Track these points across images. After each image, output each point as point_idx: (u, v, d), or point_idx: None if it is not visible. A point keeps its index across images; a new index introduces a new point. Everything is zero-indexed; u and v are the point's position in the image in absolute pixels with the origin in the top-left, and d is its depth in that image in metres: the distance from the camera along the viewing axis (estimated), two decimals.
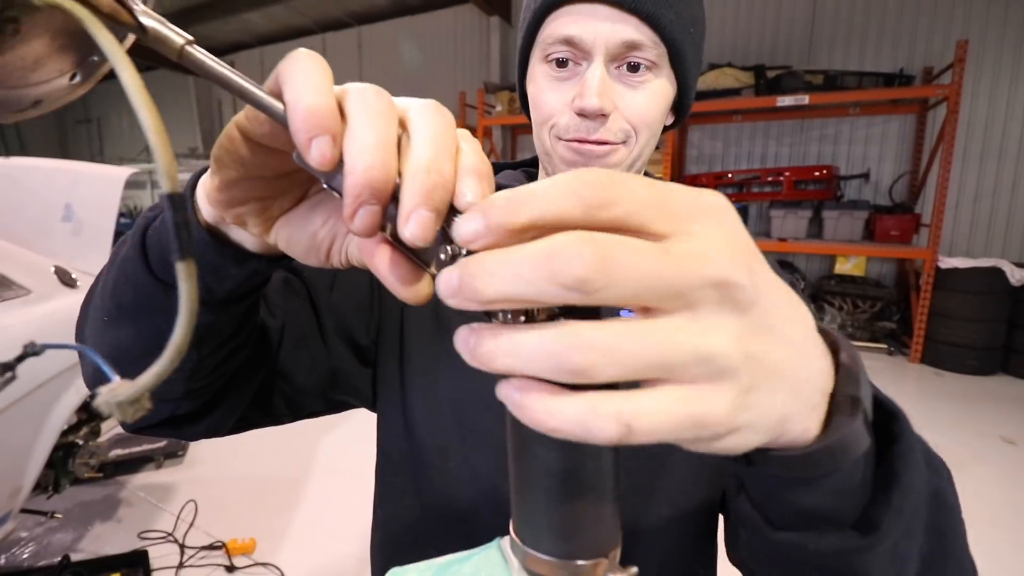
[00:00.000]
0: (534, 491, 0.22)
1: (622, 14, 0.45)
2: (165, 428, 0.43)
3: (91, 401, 0.22)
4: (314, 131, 0.19)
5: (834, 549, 0.26)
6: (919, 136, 4.59)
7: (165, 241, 0.31)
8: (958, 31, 4.34)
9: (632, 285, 0.16)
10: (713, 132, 5.42)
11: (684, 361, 0.17)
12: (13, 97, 0.21)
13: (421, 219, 0.19)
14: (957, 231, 4.58)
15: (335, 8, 7.17)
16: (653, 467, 0.50)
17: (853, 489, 0.25)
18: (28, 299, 1.58)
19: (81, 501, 2.29)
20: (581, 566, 0.22)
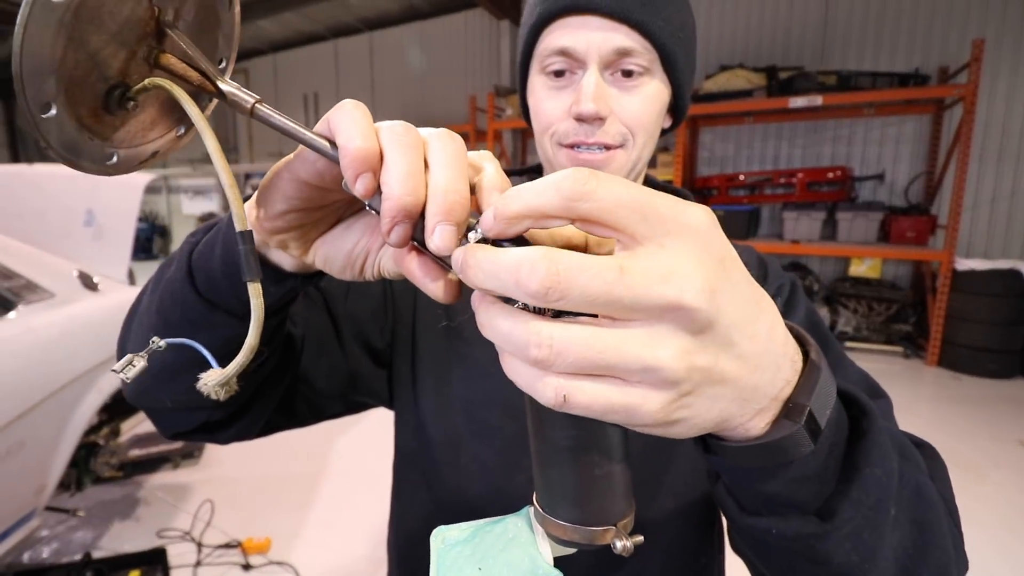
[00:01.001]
0: (549, 464, 0.26)
1: (612, 23, 0.48)
2: (200, 434, 0.47)
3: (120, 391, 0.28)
4: (360, 169, 0.24)
5: (794, 533, 0.28)
6: (935, 137, 4.54)
7: (211, 264, 0.34)
8: (974, 30, 4.29)
9: (585, 299, 0.19)
10: (725, 134, 5.40)
11: (629, 368, 0.19)
12: (135, 153, 0.29)
13: (443, 231, 0.23)
14: (975, 232, 4.51)
15: (347, 14, 7.25)
16: (660, 460, 0.52)
17: (812, 479, 0.27)
18: (52, 302, 1.62)
19: (101, 500, 2.33)
20: (591, 531, 0.26)
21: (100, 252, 2.15)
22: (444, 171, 0.24)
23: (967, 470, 2.58)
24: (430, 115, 7.28)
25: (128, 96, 0.26)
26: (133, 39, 0.25)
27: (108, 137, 0.27)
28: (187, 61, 0.27)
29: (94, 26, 0.23)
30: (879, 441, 0.29)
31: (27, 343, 1.46)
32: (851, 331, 4.56)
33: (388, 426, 1.99)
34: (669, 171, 4.89)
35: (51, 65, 0.22)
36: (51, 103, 0.23)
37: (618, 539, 0.25)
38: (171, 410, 0.44)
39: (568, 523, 0.26)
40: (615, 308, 0.19)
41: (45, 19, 0.21)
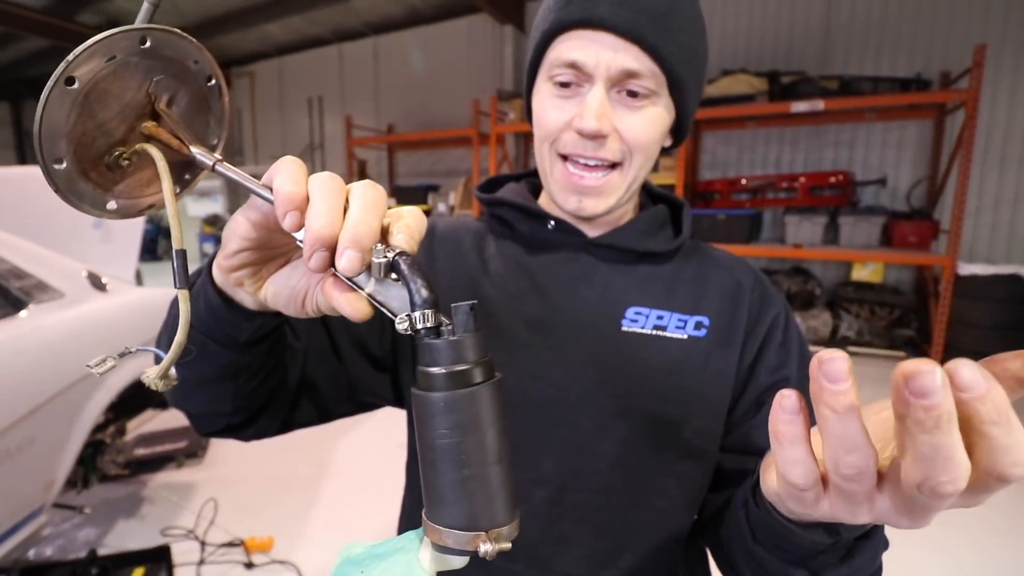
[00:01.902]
0: (427, 467, 0.27)
1: (625, 43, 0.48)
2: (226, 433, 0.52)
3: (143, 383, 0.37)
4: (287, 207, 0.29)
5: (782, 574, 0.36)
6: (937, 141, 4.54)
7: (199, 306, 0.40)
8: (976, 36, 4.30)
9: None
10: (727, 138, 5.42)
11: None
12: (133, 203, 0.36)
13: (349, 255, 0.28)
14: (977, 237, 4.51)
15: (351, 18, 7.31)
16: (630, 507, 0.56)
17: (827, 553, 0.35)
18: (62, 302, 1.65)
19: (106, 498, 2.36)
20: (462, 535, 0.26)
21: (108, 253, 2.18)
22: (356, 209, 0.29)
23: None
24: (433, 119, 7.32)
25: (125, 157, 0.33)
26: (133, 116, 0.33)
27: (109, 189, 0.34)
28: (171, 133, 0.34)
29: (101, 105, 0.31)
30: (874, 546, 0.37)
31: (38, 341, 1.48)
32: (853, 336, 4.56)
33: (390, 426, 2.01)
34: (671, 175, 4.91)
35: (63, 130, 0.30)
36: (62, 158, 0.30)
37: (485, 544, 0.26)
38: (196, 415, 0.50)
39: (443, 527, 0.27)
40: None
41: (61, 99, 0.29)
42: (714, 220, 4.73)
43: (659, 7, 0.48)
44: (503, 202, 0.63)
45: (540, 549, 0.54)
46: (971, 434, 0.21)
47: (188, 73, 0.34)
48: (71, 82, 0.29)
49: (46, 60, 9.31)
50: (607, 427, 0.54)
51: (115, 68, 0.30)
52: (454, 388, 0.26)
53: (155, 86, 0.33)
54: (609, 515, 0.54)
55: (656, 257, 0.61)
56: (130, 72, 0.31)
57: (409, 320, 0.27)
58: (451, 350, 0.26)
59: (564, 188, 0.55)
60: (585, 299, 0.58)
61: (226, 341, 0.41)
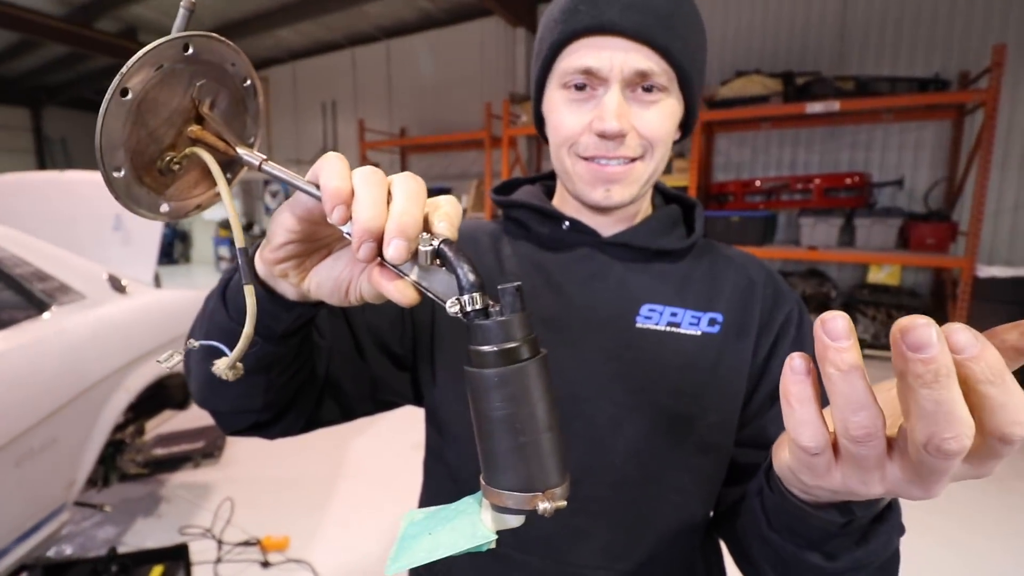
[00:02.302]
0: (484, 436, 0.29)
1: (636, 44, 0.49)
2: (252, 431, 0.54)
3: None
4: (335, 202, 0.30)
5: (797, 559, 0.35)
6: (955, 142, 4.48)
7: (239, 297, 0.41)
8: (995, 35, 4.23)
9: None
10: (741, 139, 5.38)
11: None
12: (183, 205, 0.38)
13: (396, 244, 0.29)
14: (997, 240, 4.44)
15: (364, 23, 7.37)
16: (650, 488, 0.56)
17: (841, 537, 0.35)
18: (84, 304, 1.68)
19: (125, 497, 2.39)
20: (521, 496, 0.29)
21: (127, 256, 2.22)
22: (400, 200, 0.30)
23: (990, 480, 2.53)
24: (446, 121, 7.35)
25: (175, 161, 0.35)
26: (180, 121, 0.35)
27: (161, 192, 0.36)
28: (217, 135, 0.36)
29: (152, 114, 0.33)
30: (888, 529, 0.37)
31: (60, 343, 1.51)
32: (870, 339, 4.50)
33: (404, 426, 2.03)
34: (685, 177, 4.88)
35: (120, 140, 0.32)
36: (121, 167, 0.32)
37: (544, 502, 0.28)
38: (225, 413, 0.51)
39: (504, 490, 0.29)
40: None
41: (117, 110, 0.31)
42: (728, 222, 4.69)
43: (663, 9, 0.50)
44: (519, 204, 0.64)
45: (556, 542, 0.54)
46: (970, 396, 0.22)
47: (227, 76, 0.36)
48: (125, 93, 0.30)
49: (65, 67, 9.50)
50: (622, 422, 0.55)
51: (163, 76, 0.32)
52: (506, 364, 0.28)
53: (198, 91, 0.35)
54: (624, 509, 0.55)
55: (669, 255, 0.61)
56: (176, 79, 0.33)
57: (459, 303, 0.29)
58: (500, 329, 0.28)
59: (590, 182, 0.55)
60: (600, 296, 0.59)
61: (264, 332, 0.43)
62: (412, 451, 2.87)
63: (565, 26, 0.52)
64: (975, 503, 2.37)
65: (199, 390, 0.50)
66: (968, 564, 2.00)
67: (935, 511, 2.31)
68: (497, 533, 0.31)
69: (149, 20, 7.49)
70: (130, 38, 7.75)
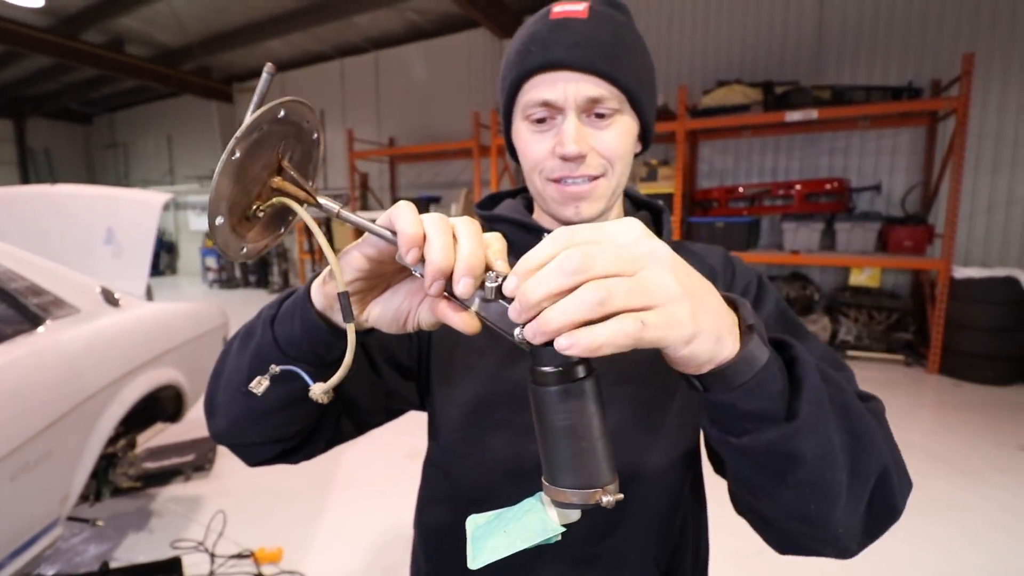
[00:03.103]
0: (549, 443, 0.34)
1: (584, 75, 0.55)
2: (279, 459, 0.58)
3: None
4: (411, 245, 0.35)
5: (775, 436, 0.36)
6: (930, 148, 4.62)
7: (292, 330, 0.46)
8: (964, 44, 4.39)
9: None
10: (724, 147, 5.49)
11: (652, 291, 0.30)
12: (256, 247, 0.42)
13: (466, 283, 0.34)
14: (972, 241, 4.57)
15: (352, 34, 7.42)
16: (641, 444, 0.60)
17: (775, 394, 0.36)
18: (78, 317, 1.69)
19: (114, 512, 2.38)
20: (585, 492, 0.33)
21: (119, 269, 2.23)
22: (467, 244, 0.35)
23: (969, 475, 2.61)
24: (434, 131, 7.41)
25: (260, 210, 0.40)
26: (266, 174, 0.39)
27: (243, 236, 0.40)
28: (296, 185, 0.41)
29: (246, 169, 0.37)
30: (806, 360, 0.38)
31: (55, 356, 1.52)
32: (852, 340, 4.59)
33: (396, 436, 2.06)
34: (670, 184, 4.97)
35: (225, 194, 0.36)
36: (221, 216, 0.37)
37: (605, 496, 0.33)
38: (256, 444, 0.54)
39: (567, 488, 0.34)
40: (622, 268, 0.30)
41: (226, 168, 0.35)
42: (712, 227, 4.78)
43: (606, 42, 0.56)
44: (501, 218, 0.70)
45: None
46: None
47: (302, 132, 0.41)
48: (232, 153, 0.35)
49: (49, 78, 9.43)
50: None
51: (259, 137, 0.37)
52: (567, 382, 0.33)
53: (283, 147, 0.40)
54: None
55: None
56: (268, 138, 0.38)
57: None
58: (559, 352, 0.32)
59: (561, 201, 0.61)
60: None
61: (314, 361, 0.46)
62: (405, 460, 2.89)
63: (521, 67, 0.58)
64: (947, 495, 2.44)
65: (232, 423, 0.52)
66: (939, 557, 2.06)
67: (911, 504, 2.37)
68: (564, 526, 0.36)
69: (137, 32, 7.48)
70: (117, 50, 7.72)
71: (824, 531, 0.41)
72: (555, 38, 0.56)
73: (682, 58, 5.63)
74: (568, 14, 0.57)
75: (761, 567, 2.04)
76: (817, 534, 0.42)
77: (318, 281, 0.44)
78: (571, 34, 0.56)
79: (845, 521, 0.41)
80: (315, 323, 0.44)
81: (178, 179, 10.98)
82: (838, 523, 0.40)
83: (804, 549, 0.46)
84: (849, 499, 0.40)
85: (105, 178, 12.36)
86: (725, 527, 0.88)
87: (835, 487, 0.39)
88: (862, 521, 0.43)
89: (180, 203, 11.06)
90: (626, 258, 0.30)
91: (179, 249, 11.74)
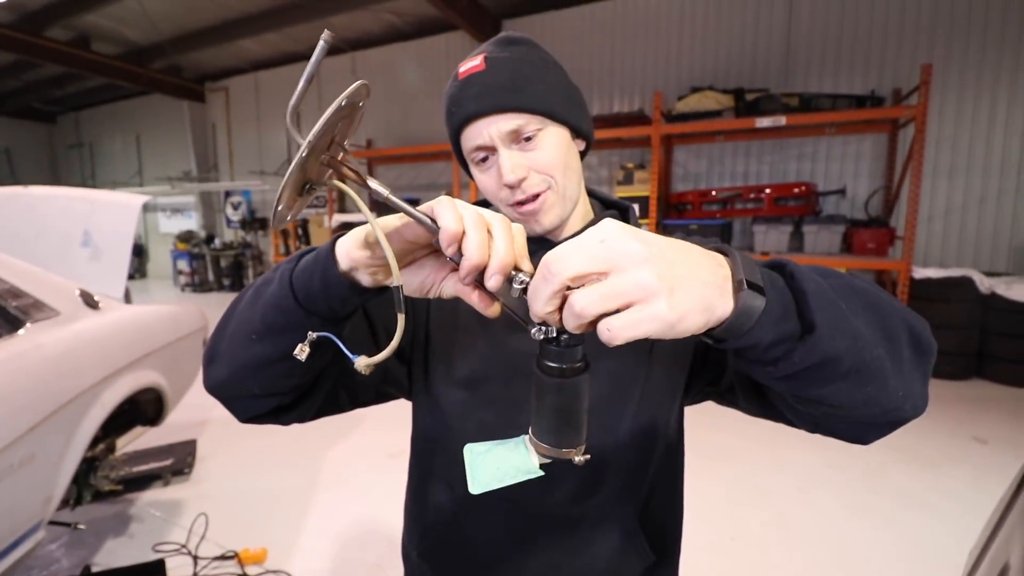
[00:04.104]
0: (542, 415, 0.43)
1: (497, 116, 0.64)
2: (271, 416, 0.60)
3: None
4: (452, 240, 0.40)
5: (804, 352, 0.39)
6: (891, 154, 4.83)
7: (311, 283, 0.49)
8: (923, 55, 4.61)
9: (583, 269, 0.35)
10: (698, 151, 5.64)
11: (630, 289, 0.33)
12: (294, 213, 0.46)
13: (497, 279, 0.39)
14: (930, 243, 4.80)
15: None
16: (613, 416, 0.67)
17: (784, 317, 0.39)
18: (58, 320, 1.68)
19: (92, 517, 2.35)
20: (562, 451, 0.43)
21: (97, 272, 2.20)
22: (500, 244, 0.40)
23: (928, 466, 2.75)
24: (413, 133, 7.41)
25: (311, 188, 0.44)
26: (319, 154, 0.42)
27: (291, 208, 0.44)
28: (349, 167, 0.45)
29: (313, 157, 0.40)
30: (801, 270, 0.42)
31: (36, 359, 1.51)
32: None
33: (379, 436, 2.13)
34: (645, 187, 5.09)
35: (293, 182, 0.41)
36: (283, 201, 0.41)
37: (576, 456, 0.43)
38: (254, 396, 0.57)
39: (550, 446, 0.43)
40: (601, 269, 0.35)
41: (299, 163, 0.39)
42: (686, 230, 4.91)
43: (503, 81, 0.64)
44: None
45: (519, 490, 0.62)
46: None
47: (356, 111, 0.44)
48: (310, 146, 0.38)
49: (11, 75, 9.11)
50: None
51: (324, 127, 0.39)
52: (564, 377, 0.40)
53: (340, 129, 0.43)
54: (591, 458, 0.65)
55: None
56: (330, 126, 0.40)
57: (543, 330, 0.39)
58: (565, 354, 0.40)
59: (523, 221, 0.69)
60: None
61: (328, 315, 0.50)
62: (388, 460, 2.91)
63: (451, 126, 0.68)
64: (907, 483, 2.58)
65: (233, 372, 0.55)
66: (897, 539, 2.18)
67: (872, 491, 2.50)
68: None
69: (104, 29, 7.29)
70: (83, 47, 7.52)
71: (889, 402, 0.44)
72: (464, 95, 0.65)
73: (657, 64, 5.77)
74: (469, 71, 0.65)
75: (735, 554, 2.13)
76: (885, 408, 0.45)
77: (350, 243, 0.47)
78: (475, 87, 0.64)
79: (901, 385, 0.44)
80: (337, 280, 0.48)
81: (147, 180, 10.70)
82: (896, 389, 0.43)
83: (884, 427, 0.49)
84: (894, 364, 0.43)
85: (70, 178, 11.97)
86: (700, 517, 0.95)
87: (878, 362, 0.42)
88: (913, 374, 0.45)
89: (150, 205, 10.77)
90: (598, 258, 0.34)
91: (149, 252, 11.45)
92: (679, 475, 0.76)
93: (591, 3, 6.02)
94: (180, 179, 9.67)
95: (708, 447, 2.97)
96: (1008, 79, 4.43)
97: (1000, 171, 4.54)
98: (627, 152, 5.94)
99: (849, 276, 0.47)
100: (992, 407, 3.58)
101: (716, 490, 2.59)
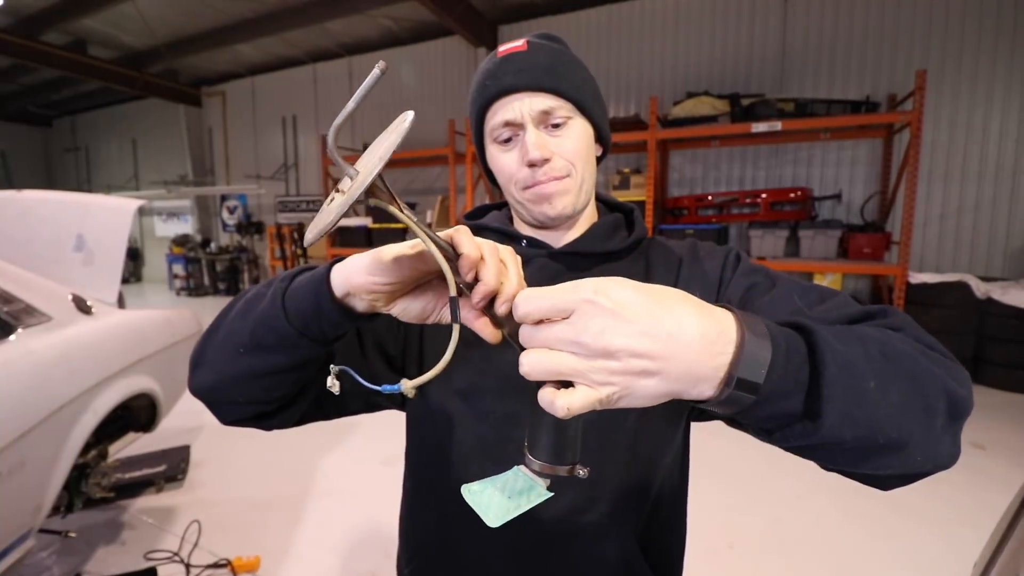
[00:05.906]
0: (539, 432, 0.43)
1: (533, 93, 0.65)
2: (253, 421, 0.59)
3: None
4: (471, 267, 0.41)
5: (802, 433, 0.37)
6: (886, 159, 4.85)
7: (303, 305, 0.49)
8: (918, 61, 4.64)
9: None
10: (693, 156, 5.66)
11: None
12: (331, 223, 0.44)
13: (506, 307, 0.41)
14: (926, 248, 4.81)
15: (325, 40, 7.38)
16: (608, 434, 0.66)
17: (789, 394, 0.37)
18: (50, 325, 1.66)
19: (84, 525, 2.31)
20: (558, 468, 0.43)
21: (90, 277, 2.18)
22: (513, 272, 0.42)
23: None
24: (409, 138, 7.40)
25: (360, 202, 0.43)
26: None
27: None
28: (391, 196, 0.44)
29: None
30: (827, 342, 0.38)
31: (27, 365, 1.49)
32: None
33: (373, 444, 2.11)
34: (642, 192, 5.09)
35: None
36: (325, 232, 0.41)
37: (574, 472, 0.43)
38: (237, 403, 0.57)
39: (548, 463, 0.43)
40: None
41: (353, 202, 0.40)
42: (683, 235, 4.90)
43: (545, 63, 0.65)
44: (485, 227, 0.77)
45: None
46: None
47: (401, 129, 0.45)
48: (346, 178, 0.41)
49: (6, 79, 9.09)
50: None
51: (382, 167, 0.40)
52: None
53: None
54: (594, 456, 0.64)
55: (613, 255, 0.73)
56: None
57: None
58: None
59: (536, 202, 0.68)
60: None
61: (318, 337, 0.50)
62: (382, 467, 2.89)
63: (481, 98, 0.68)
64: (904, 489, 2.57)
65: (219, 380, 0.55)
66: (895, 547, 2.17)
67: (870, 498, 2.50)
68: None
69: (101, 33, 7.29)
70: (79, 51, 7.50)
71: (906, 468, 0.41)
72: (503, 70, 0.65)
73: (653, 69, 5.80)
74: (511, 50, 0.67)
75: (733, 561, 2.12)
76: (902, 473, 0.42)
77: (351, 270, 0.47)
78: (516, 64, 0.65)
79: (924, 452, 0.40)
80: (329, 306, 0.48)
81: (143, 184, 10.67)
82: (915, 456, 0.40)
83: (903, 480, 0.44)
84: (923, 433, 0.39)
85: (66, 182, 11.93)
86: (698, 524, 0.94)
87: (900, 439, 0.38)
88: (943, 439, 0.41)
89: (145, 208, 10.74)
90: (590, 348, 0.34)
91: (144, 256, 11.40)
92: (682, 494, 0.74)
93: (587, 9, 6.04)
94: (176, 183, 9.63)
95: (706, 453, 2.96)
96: (1002, 85, 4.46)
97: (995, 176, 4.56)
98: (623, 157, 5.95)
99: (890, 337, 0.42)
100: (988, 412, 3.58)
101: (714, 497, 2.57)
